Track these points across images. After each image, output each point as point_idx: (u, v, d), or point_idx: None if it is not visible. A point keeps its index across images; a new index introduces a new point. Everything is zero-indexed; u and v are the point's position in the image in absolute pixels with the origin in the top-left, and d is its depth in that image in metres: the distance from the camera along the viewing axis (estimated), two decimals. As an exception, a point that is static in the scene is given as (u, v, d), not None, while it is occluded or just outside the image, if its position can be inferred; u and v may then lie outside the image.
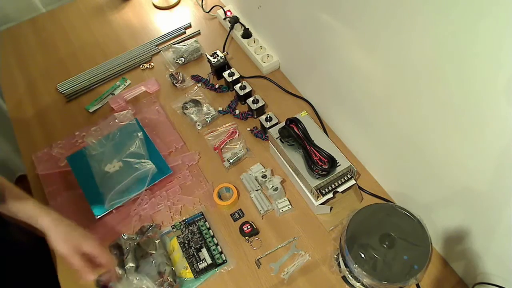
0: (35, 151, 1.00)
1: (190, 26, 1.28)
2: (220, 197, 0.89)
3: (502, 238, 0.62)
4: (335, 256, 0.79)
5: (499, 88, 0.49)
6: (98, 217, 0.87)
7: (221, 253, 0.82)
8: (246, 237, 0.84)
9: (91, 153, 0.96)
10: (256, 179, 0.91)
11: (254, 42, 1.16)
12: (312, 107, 1.04)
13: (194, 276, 0.79)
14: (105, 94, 1.11)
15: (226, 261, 0.81)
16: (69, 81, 1.15)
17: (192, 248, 0.83)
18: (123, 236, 0.81)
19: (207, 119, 1.02)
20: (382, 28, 0.64)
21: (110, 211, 0.88)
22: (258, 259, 0.81)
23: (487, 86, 0.51)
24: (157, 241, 0.81)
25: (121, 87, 1.13)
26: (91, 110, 1.08)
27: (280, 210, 0.86)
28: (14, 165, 1.57)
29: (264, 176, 0.90)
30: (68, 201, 0.91)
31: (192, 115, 1.03)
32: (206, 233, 0.84)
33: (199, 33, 1.26)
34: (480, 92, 0.52)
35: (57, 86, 1.14)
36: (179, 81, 1.11)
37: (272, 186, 0.87)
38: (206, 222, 0.86)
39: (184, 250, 0.82)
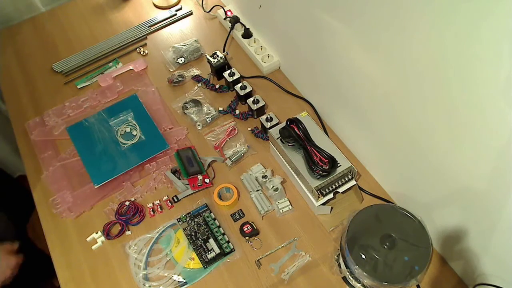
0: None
1: (180, 8, 1.32)
2: (220, 197, 0.89)
3: (501, 238, 0.62)
4: (336, 256, 0.78)
5: (499, 88, 0.49)
6: (97, 186, 0.90)
7: (228, 242, 0.83)
8: (246, 238, 0.84)
9: (93, 122, 1.01)
10: (257, 180, 0.91)
11: (255, 42, 1.16)
12: (313, 107, 1.04)
13: (204, 267, 0.81)
14: (95, 74, 1.16)
15: (234, 250, 0.82)
16: (65, 60, 1.19)
17: (200, 239, 0.83)
18: None
19: (207, 119, 1.02)
20: (383, 28, 0.64)
21: (109, 181, 0.92)
22: (258, 260, 0.81)
23: (487, 87, 0.51)
24: None
25: (112, 68, 1.17)
26: (79, 86, 1.13)
27: (281, 211, 0.86)
28: (13, 165, 1.57)
29: (264, 177, 0.90)
30: (62, 169, 0.96)
31: (192, 115, 1.03)
32: (212, 224, 0.85)
33: (191, 13, 1.29)
34: (480, 93, 0.52)
35: (53, 66, 1.18)
36: (179, 81, 1.11)
37: (273, 187, 0.87)
38: (212, 213, 0.87)
39: (191, 241, 0.83)
